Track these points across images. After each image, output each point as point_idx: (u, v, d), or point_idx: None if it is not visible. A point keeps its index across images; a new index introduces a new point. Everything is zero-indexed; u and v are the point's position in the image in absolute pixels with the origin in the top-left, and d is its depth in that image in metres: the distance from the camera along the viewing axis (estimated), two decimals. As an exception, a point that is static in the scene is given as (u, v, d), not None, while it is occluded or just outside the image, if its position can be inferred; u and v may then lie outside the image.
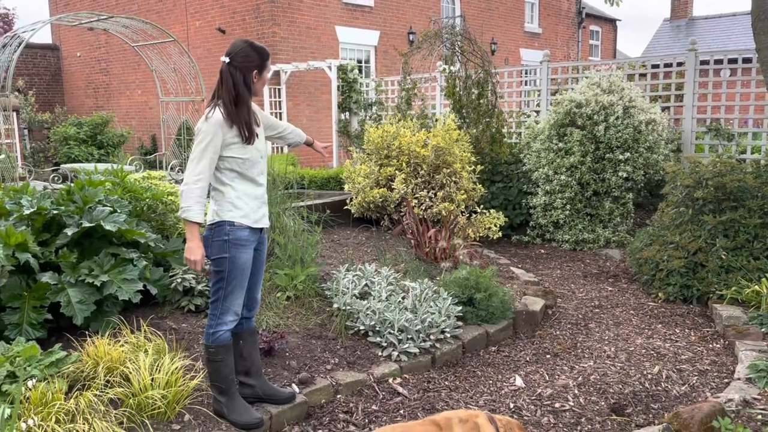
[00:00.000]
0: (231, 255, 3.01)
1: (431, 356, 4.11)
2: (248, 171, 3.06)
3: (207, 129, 2.92)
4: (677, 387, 3.79)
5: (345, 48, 14.94)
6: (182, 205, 2.91)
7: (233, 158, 3.00)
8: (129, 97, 17.45)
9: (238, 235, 3.03)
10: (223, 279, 3.05)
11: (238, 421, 3.11)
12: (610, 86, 7.86)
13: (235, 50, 2.98)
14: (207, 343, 3.11)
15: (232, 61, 2.96)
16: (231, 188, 3.03)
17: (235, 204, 3.03)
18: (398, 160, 6.74)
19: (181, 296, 4.24)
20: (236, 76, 2.95)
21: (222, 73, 2.98)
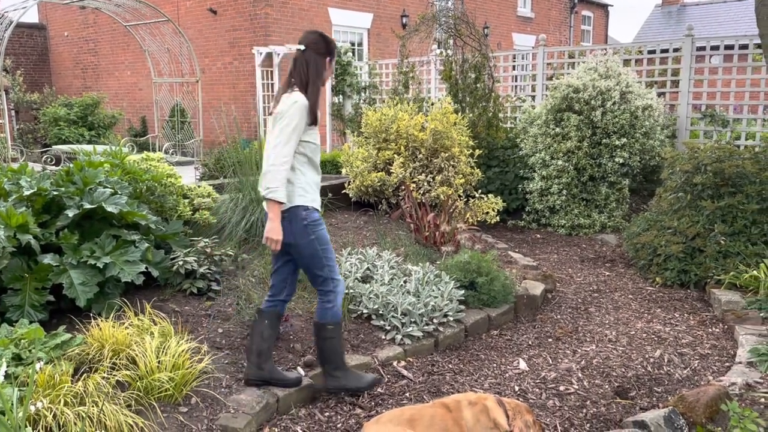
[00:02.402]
0: (316, 235, 3.17)
1: (434, 339, 4.12)
2: (315, 157, 3.21)
3: (294, 112, 3.01)
4: (679, 370, 3.83)
5: (338, 31, 14.81)
6: (268, 185, 2.98)
7: (307, 143, 3.12)
8: (118, 78, 17.22)
9: (315, 216, 3.19)
10: (319, 257, 3.20)
11: (361, 387, 3.36)
12: (607, 71, 7.85)
13: (309, 39, 3.17)
14: (325, 322, 3.26)
15: (307, 48, 3.14)
16: (301, 173, 3.14)
17: (306, 189, 3.16)
18: (396, 144, 6.71)
19: (182, 279, 4.21)
20: (311, 62, 3.12)
21: (297, 60, 3.14)
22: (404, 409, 2.80)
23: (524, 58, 9.94)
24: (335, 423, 3.20)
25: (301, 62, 3.14)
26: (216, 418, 2.96)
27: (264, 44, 12.90)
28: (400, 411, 2.77)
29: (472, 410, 2.78)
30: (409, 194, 6.07)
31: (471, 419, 2.73)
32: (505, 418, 2.75)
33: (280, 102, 3.10)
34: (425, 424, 2.65)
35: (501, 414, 2.79)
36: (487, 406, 2.80)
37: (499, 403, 2.82)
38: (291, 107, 3.03)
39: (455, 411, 2.77)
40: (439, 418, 2.69)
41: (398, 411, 2.78)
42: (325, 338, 3.31)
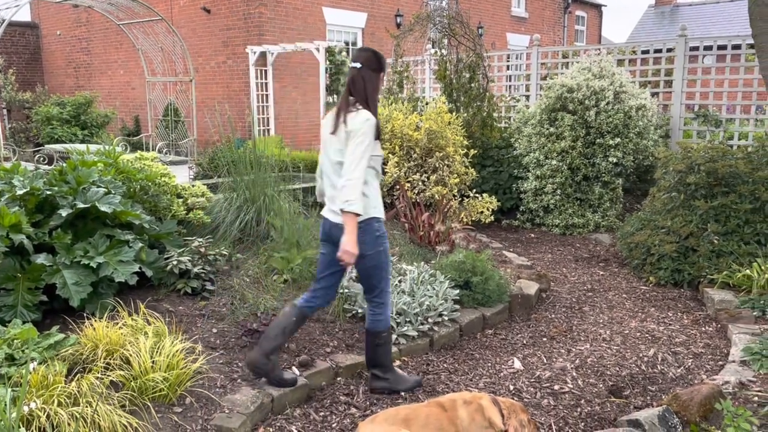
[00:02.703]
0: (383, 247, 3.32)
1: (429, 339, 4.12)
2: (379, 168, 3.35)
3: (367, 130, 3.14)
4: (673, 369, 3.84)
5: (332, 30, 14.78)
6: (347, 198, 3.06)
7: (376, 156, 3.26)
8: (111, 77, 17.14)
9: (384, 229, 3.35)
10: (381, 269, 3.34)
11: (408, 387, 3.50)
12: (601, 71, 7.87)
13: (364, 57, 3.28)
14: (378, 330, 3.40)
15: (363, 66, 3.25)
16: (372, 187, 3.28)
17: (377, 201, 3.31)
18: (391, 144, 6.71)
19: (176, 279, 4.19)
20: (368, 79, 3.25)
21: (354, 78, 3.25)
22: (399, 409, 2.80)
23: (518, 58, 9.95)
24: (330, 423, 3.19)
25: (359, 80, 3.24)
26: (210, 418, 2.95)
27: (258, 43, 12.87)
28: (395, 410, 2.77)
29: (468, 409, 2.78)
30: (403, 194, 6.07)
31: (466, 418, 2.74)
32: (500, 417, 2.76)
33: (350, 120, 3.17)
34: (420, 424, 2.65)
35: (496, 413, 2.79)
36: (482, 405, 2.81)
37: (494, 402, 2.82)
38: (364, 125, 3.14)
39: (450, 410, 2.77)
40: (435, 417, 2.69)
41: (393, 410, 2.78)
42: (377, 345, 3.45)
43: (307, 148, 12.01)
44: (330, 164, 3.26)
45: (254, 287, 4.35)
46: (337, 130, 3.21)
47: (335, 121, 3.24)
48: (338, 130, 3.21)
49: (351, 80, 3.26)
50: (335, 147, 3.23)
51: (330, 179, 3.28)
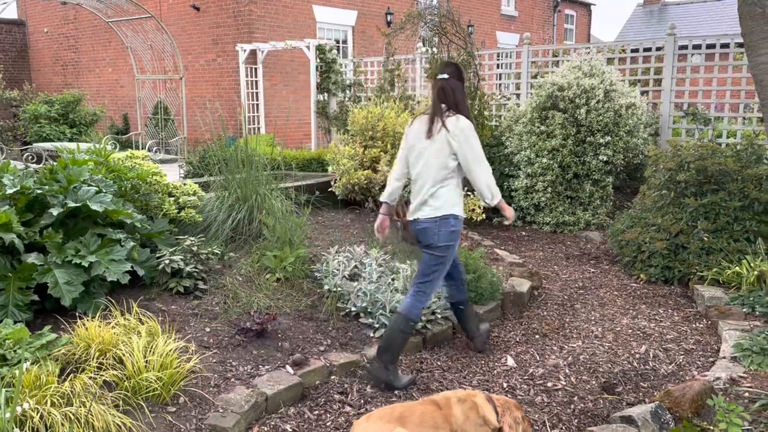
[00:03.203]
0: (453, 244, 3.56)
1: (422, 337, 4.13)
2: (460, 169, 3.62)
3: (472, 132, 3.51)
4: (665, 366, 3.87)
5: (322, 28, 14.76)
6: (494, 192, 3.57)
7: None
8: (99, 75, 17.02)
9: (459, 228, 3.61)
10: (442, 264, 3.56)
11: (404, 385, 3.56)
12: (591, 70, 7.91)
13: (450, 69, 3.62)
14: (410, 317, 3.56)
15: (451, 77, 3.58)
16: (456, 185, 3.58)
17: (457, 199, 3.60)
18: (383, 142, 6.71)
19: (168, 278, 4.17)
20: (456, 88, 3.58)
21: (444, 88, 3.56)
22: (394, 407, 2.80)
23: (509, 56, 9.97)
24: (325, 421, 3.19)
25: (449, 89, 3.56)
26: (205, 418, 2.95)
27: (248, 41, 12.82)
28: (390, 408, 2.77)
29: (462, 407, 2.79)
30: (395, 192, 6.07)
31: (461, 416, 2.74)
32: (494, 414, 2.77)
33: (451, 124, 3.49)
34: (416, 422, 2.66)
35: (490, 410, 2.81)
36: (476, 402, 2.82)
37: (488, 400, 2.83)
38: (467, 128, 3.50)
39: (445, 408, 2.78)
40: (430, 415, 2.70)
41: (388, 408, 2.78)
42: (401, 331, 3.58)
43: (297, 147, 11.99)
44: (430, 167, 3.56)
45: (247, 286, 4.34)
46: (433, 135, 3.53)
47: (430, 126, 3.56)
48: (436, 134, 3.52)
49: (441, 90, 3.57)
50: (434, 149, 3.54)
51: (427, 183, 3.57)
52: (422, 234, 3.58)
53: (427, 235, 3.55)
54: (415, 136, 3.65)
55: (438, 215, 3.52)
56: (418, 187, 3.63)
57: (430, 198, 3.56)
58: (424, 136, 3.58)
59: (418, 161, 3.63)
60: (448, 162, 3.52)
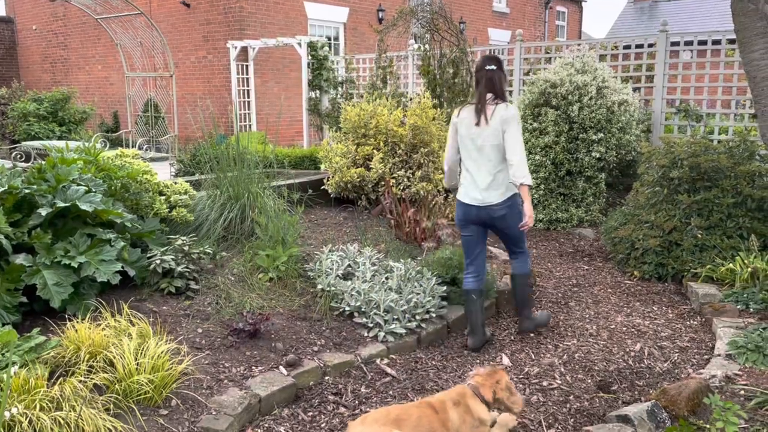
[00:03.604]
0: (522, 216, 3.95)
1: (417, 336, 4.10)
2: None
3: (518, 117, 3.89)
4: (660, 364, 3.86)
5: (313, 24, 14.69)
6: (524, 173, 3.80)
7: None
8: (88, 73, 16.88)
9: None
10: (523, 232, 4.09)
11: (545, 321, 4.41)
12: (584, 66, 7.90)
13: (495, 60, 4.00)
14: (526, 272, 4.26)
15: (497, 68, 3.97)
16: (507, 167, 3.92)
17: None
18: (375, 139, 6.67)
19: (160, 278, 4.12)
20: (502, 78, 3.97)
21: (492, 77, 3.94)
22: (390, 409, 2.77)
23: (501, 53, 9.94)
24: (319, 423, 3.16)
25: (496, 79, 3.94)
26: (197, 420, 2.90)
27: (239, 38, 12.74)
28: (386, 410, 2.75)
29: (458, 411, 2.81)
30: (389, 190, 6.03)
31: (457, 420, 2.77)
32: (485, 408, 2.86)
33: (501, 111, 3.88)
34: (412, 425, 2.63)
35: (483, 409, 2.87)
36: (469, 405, 2.85)
37: (476, 395, 2.89)
38: (516, 114, 3.88)
39: (441, 412, 2.77)
40: (426, 419, 2.68)
41: (384, 410, 2.75)
42: (525, 285, 4.26)
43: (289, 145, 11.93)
44: (485, 152, 3.92)
45: (239, 286, 4.29)
46: (482, 122, 3.90)
47: (478, 114, 3.92)
48: (486, 121, 3.89)
49: (489, 80, 3.93)
50: (486, 134, 3.90)
51: (484, 167, 3.93)
52: (500, 221, 4.01)
53: (505, 219, 4.00)
54: (467, 125, 3.98)
55: (507, 197, 3.96)
56: (474, 173, 3.99)
57: (492, 184, 3.93)
58: (474, 124, 3.93)
59: (472, 148, 3.98)
60: (500, 146, 3.89)
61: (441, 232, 5.47)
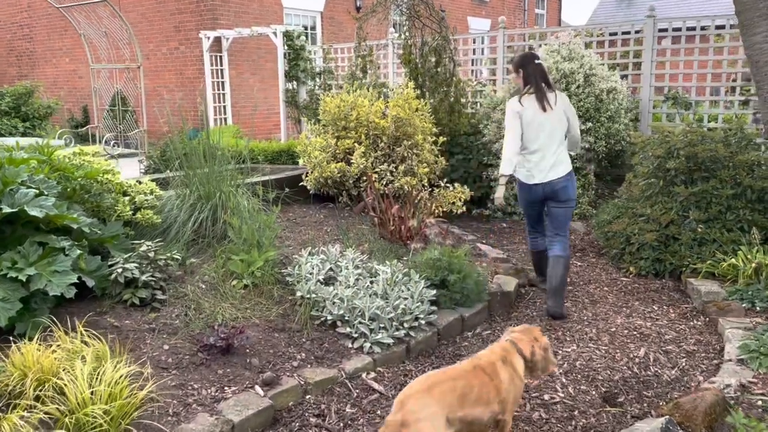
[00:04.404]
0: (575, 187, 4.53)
1: (406, 346, 3.78)
2: None
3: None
4: (667, 371, 3.59)
5: (289, 14, 14.24)
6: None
7: None
8: (56, 66, 16.25)
9: None
10: (572, 212, 4.56)
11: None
12: (570, 54, 7.63)
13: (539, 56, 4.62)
14: (569, 255, 4.55)
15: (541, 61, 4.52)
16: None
17: None
18: (356, 132, 6.32)
19: (122, 288, 3.74)
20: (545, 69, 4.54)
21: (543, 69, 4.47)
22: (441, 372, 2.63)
23: (483, 41, 9.62)
24: (300, 450, 2.83)
25: (546, 71, 4.49)
26: (161, 455, 2.56)
27: (212, 28, 12.27)
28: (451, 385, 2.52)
29: (507, 371, 2.72)
30: (371, 185, 5.70)
31: (507, 381, 2.70)
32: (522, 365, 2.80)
33: (561, 98, 4.46)
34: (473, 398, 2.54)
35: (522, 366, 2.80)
36: (514, 364, 2.77)
37: (519, 353, 2.82)
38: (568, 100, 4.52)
39: (494, 376, 2.66)
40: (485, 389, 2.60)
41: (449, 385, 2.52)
42: (567, 267, 4.48)
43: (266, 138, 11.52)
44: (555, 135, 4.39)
45: (211, 295, 3.93)
46: (548, 109, 4.36)
47: (543, 103, 4.36)
48: (552, 107, 4.37)
49: (543, 72, 4.43)
50: (555, 119, 4.39)
51: (551, 149, 4.39)
52: (563, 191, 4.40)
53: (567, 190, 4.42)
54: (532, 113, 4.36)
55: (568, 171, 4.42)
56: (542, 154, 4.39)
57: (557, 159, 4.39)
58: (540, 111, 4.35)
59: (540, 132, 4.38)
60: (565, 127, 4.44)
61: (429, 231, 5.15)
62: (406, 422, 2.32)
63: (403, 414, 2.35)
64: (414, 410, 2.35)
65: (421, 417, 2.34)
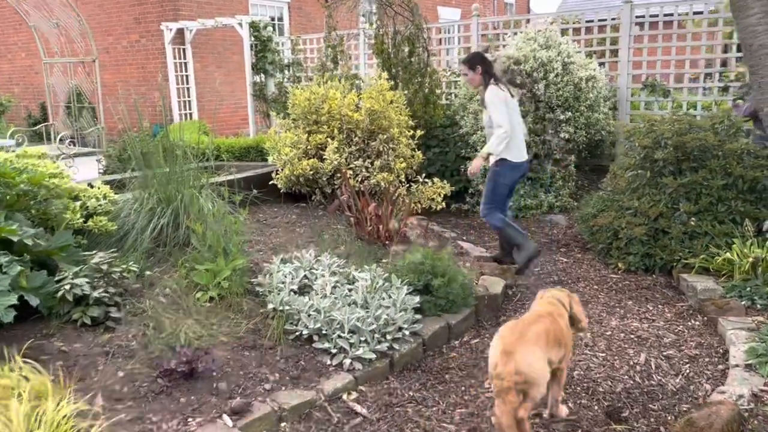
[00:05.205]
0: None
1: (389, 360, 3.46)
2: None
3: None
4: (671, 379, 3.34)
5: (255, 4, 13.76)
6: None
7: None
8: (11, 61, 15.50)
9: None
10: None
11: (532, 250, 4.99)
12: (547, 41, 7.37)
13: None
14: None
15: None
16: None
17: None
18: (329, 126, 5.96)
19: (72, 307, 3.35)
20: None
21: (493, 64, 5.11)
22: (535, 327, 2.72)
23: (459, 29, 9.31)
24: (275, 490, 2.50)
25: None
26: (114, 507, 2.21)
27: (174, 19, 11.76)
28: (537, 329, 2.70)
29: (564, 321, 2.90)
30: (346, 183, 5.36)
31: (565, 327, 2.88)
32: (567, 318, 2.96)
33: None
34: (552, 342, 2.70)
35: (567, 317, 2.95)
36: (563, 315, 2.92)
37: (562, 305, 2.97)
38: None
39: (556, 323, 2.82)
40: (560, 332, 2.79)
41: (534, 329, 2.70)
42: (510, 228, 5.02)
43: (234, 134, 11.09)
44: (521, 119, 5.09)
45: (172, 310, 3.56)
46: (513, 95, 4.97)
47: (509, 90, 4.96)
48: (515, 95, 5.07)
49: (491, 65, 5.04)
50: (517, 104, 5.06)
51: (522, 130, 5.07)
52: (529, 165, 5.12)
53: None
54: (509, 98, 4.86)
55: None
56: (521, 135, 5.00)
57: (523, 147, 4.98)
58: (512, 97, 4.91)
59: (516, 116, 4.91)
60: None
61: (411, 232, 4.83)
62: (520, 370, 2.48)
63: (516, 363, 2.48)
64: (524, 357, 2.51)
65: (532, 362, 2.53)
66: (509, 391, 2.45)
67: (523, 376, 2.47)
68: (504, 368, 2.48)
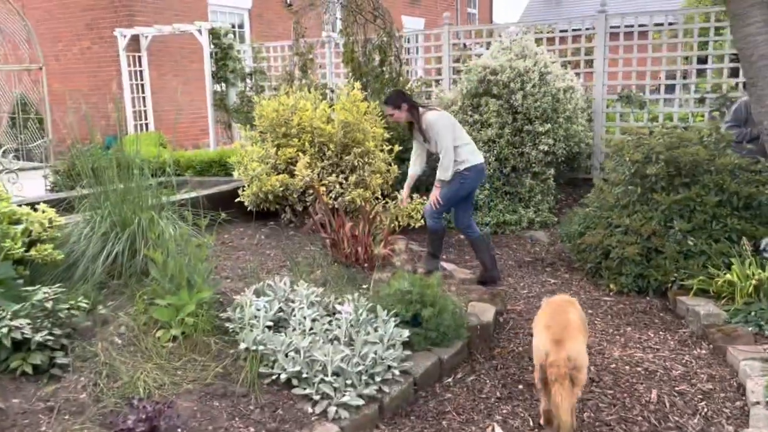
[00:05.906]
0: None
1: (378, 404, 3.07)
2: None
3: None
4: (689, 419, 3.04)
5: (215, 11, 13.25)
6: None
7: None
8: (-49, 68, 14.59)
9: None
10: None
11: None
12: (523, 51, 7.13)
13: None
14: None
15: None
16: None
17: None
18: (300, 140, 5.56)
19: (10, 353, 2.87)
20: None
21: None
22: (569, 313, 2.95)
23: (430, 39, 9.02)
24: None
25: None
26: None
27: (128, 25, 11.18)
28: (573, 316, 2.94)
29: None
30: (320, 201, 4.97)
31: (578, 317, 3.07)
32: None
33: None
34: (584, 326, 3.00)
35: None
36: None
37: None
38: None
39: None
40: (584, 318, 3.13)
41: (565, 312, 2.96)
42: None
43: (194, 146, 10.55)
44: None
45: (129, 353, 3.10)
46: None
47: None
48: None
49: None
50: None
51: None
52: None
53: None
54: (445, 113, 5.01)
55: None
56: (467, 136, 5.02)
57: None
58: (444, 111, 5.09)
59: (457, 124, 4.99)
60: None
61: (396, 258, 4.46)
62: (571, 356, 2.69)
63: (567, 350, 2.70)
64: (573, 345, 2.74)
65: (580, 349, 2.77)
66: (566, 377, 2.65)
67: (573, 362, 2.69)
68: (558, 356, 2.68)
